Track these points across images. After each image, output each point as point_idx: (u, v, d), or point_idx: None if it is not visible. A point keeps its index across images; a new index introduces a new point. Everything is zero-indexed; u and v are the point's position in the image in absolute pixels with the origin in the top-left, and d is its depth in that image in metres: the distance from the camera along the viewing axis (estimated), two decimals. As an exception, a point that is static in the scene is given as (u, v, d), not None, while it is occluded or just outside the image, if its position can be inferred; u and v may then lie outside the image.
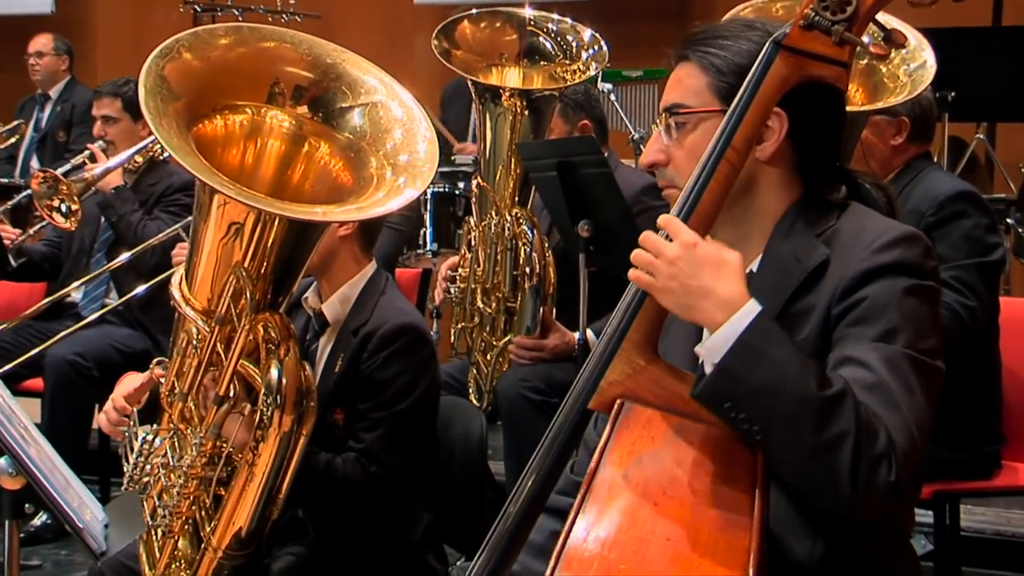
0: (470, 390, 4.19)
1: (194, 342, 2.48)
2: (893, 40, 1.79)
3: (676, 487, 1.65)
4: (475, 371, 4.19)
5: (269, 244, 2.38)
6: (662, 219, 1.75)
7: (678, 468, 1.67)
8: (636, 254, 1.74)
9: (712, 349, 1.65)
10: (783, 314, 1.79)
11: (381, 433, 2.78)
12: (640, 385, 1.75)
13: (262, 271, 2.39)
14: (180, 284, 2.47)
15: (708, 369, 1.67)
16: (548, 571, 1.60)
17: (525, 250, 4.01)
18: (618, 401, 1.75)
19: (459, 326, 4.23)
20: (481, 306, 4.13)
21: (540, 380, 3.87)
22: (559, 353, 3.95)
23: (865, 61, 3.29)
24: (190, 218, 2.76)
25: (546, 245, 4.05)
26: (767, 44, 1.79)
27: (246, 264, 2.38)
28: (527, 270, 4.01)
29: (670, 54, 1.96)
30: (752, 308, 1.65)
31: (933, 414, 1.70)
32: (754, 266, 1.89)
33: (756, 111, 1.78)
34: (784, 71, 1.77)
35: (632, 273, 1.74)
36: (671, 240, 1.71)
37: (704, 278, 1.67)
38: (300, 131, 2.48)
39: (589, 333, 3.78)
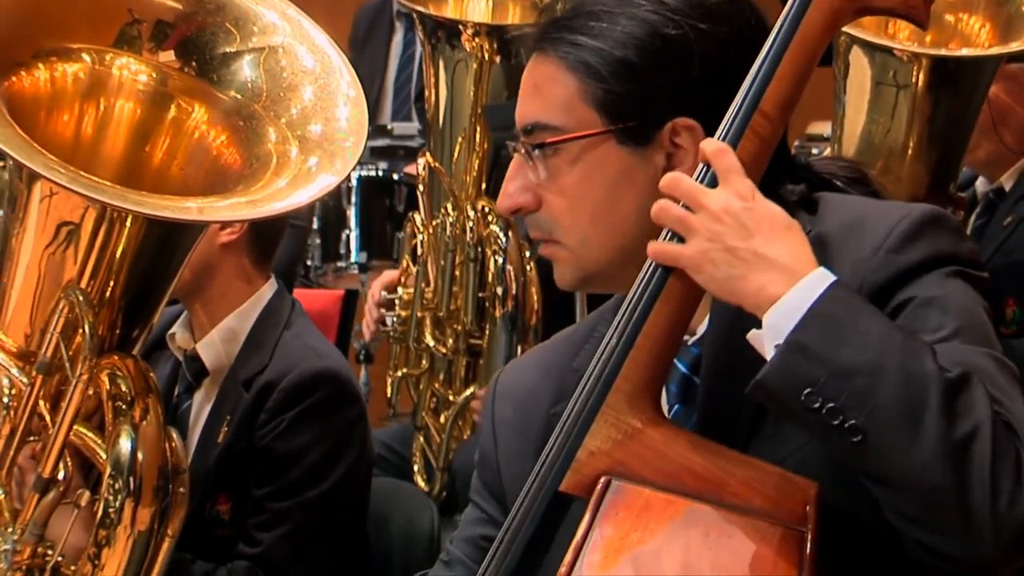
0: (415, 468, 4.20)
1: (5, 399, 2.47)
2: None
3: None
4: (423, 440, 4.20)
5: (118, 255, 2.39)
6: (715, 148, 1.75)
7: (689, 572, 1.67)
8: (661, 207, 1.75)
9: (772, 327, 1.67)
10: None
11: (285, 532, 2.80)
12: (634, 456, 1.76)
13: (107, 294, 2.39)
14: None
15: (768, 355, 1.68)
16: None
17: (496, 261, 4.03)
18: (603, 479, 1.76)
19: (400, 373, 4.25)
20: (432, 344, 4.14)
21: None
22: None
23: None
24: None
25: (526, 254, 4.06)
26: None
27: (84, 284, 2.38)
28: (498, 291, 4.02)
29: (517, 38, 1.95)
30: (825, 275, 1.68)
31: None
32: (701, 328, 1.92)
33: (795, 62, 1.80)
34: (836, 2, 1.81)
35: (651, 247, 1.76)
36: (717, 187, 1.73)
37: (759, 240, 1.70)
38: (164, 88, 2.48)
39: (589, 382, 3.78)
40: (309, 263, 6.03)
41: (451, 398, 4.14)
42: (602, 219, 1.89)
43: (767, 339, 1.69)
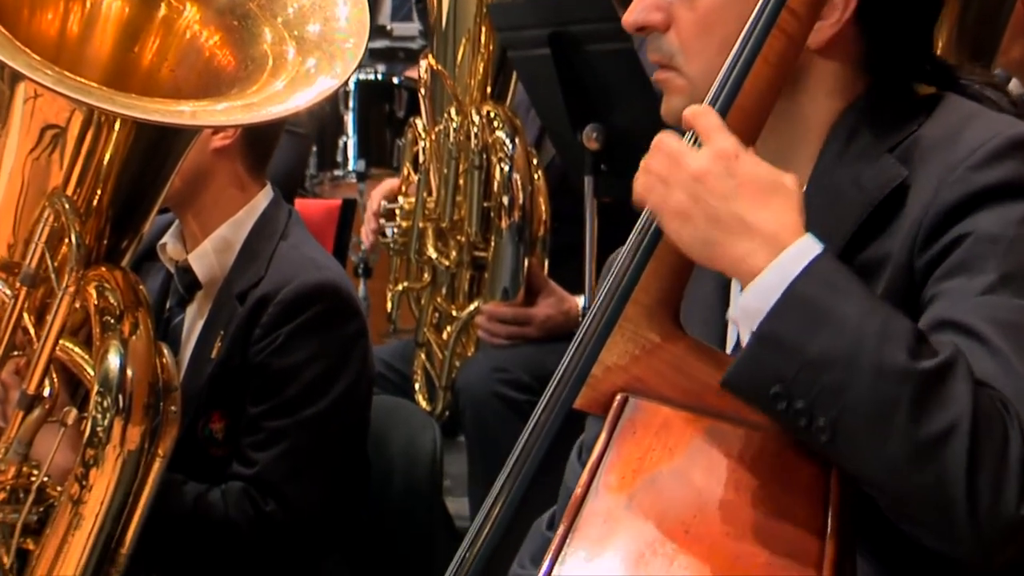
0: (417, 386, 4.19)
1: (-12, 313, 2.49)
2: None
3: (706, 522, 1.65)
4: (425, 357, 4.19)
5: (106, 161, 2.38)
6: (689, 111, 1.76)
7: (709, 493, 1.67)
8: (647, 162, 1.75)
9: (749, 309, 1.66)
10: None
11: (282, 452, 2.78)
12: (652, 371, 1.75)
13: (95, 202, 2.39)
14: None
15: (746, 340, 1.67)
16: None
17: (502, 170, 3.99)
18: (619, 396, 1.75)
19: (400, 287, 4.23)
20: (435, 256, 4.11)
21: (523, 370, 3.86)
22: (552, 328, 3.96)
23: None
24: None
25: (534, 162, 4.04)
26: None
27: (70, 191, 2.37)
28: (504, 200, 3.98)
29: None
30: (808, 246, 1.66)
31: None
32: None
33: None
34: None
35: (638, 185, 1.75)
36: (700, 145, 1.72)
37: (742, 204, 1.68)
38: (153, -15, 2.47)
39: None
40: (305, 171, 6.01)
41: (454, 313, 4.12)
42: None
43: (743, 322, 1.68)
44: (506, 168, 3.99)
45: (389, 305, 4.31)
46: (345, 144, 6.02)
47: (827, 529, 1.63)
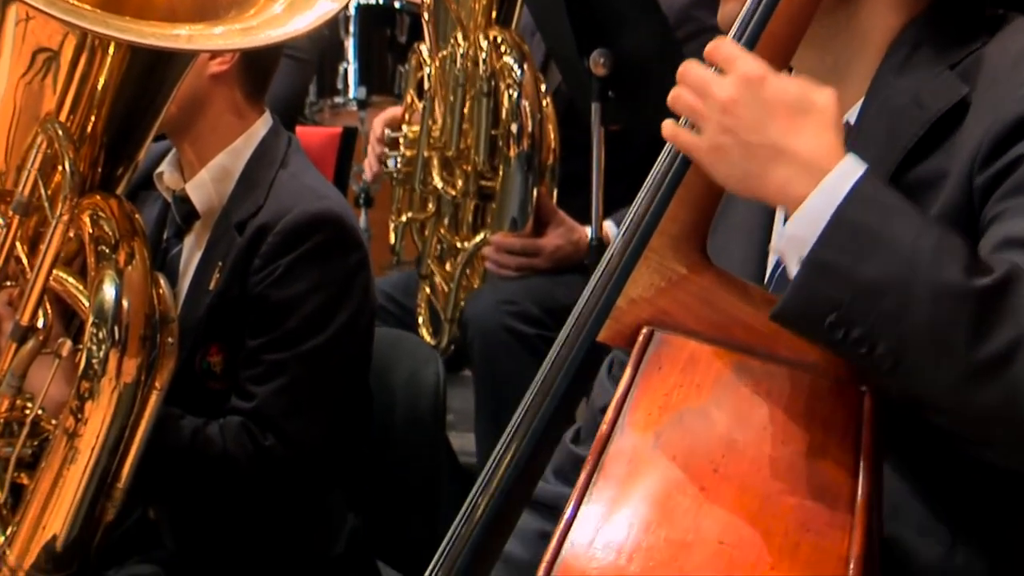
0: (420, 319, 4.17)
1: (-21, 242, 2.49)
2: None
3: (735, 461, 1.64)
4: (428, 289, 4.18)
5: (100, 86, 2.37)
6: (711, 45, 1.74)
7: (738, 432, 1.66)
8: (675, 95, 1.74)
9: (796, 238, 1.65)
10: (896, 186, 1.78)
11: (281, 386, 2.77)
12: (679, 304, 1.74)
13: (89, 129, 2.39)
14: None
15: (793, 270, 1.65)
16: None
17: (510, 96, 3.96)
18: (644, 330, 1.74)
19: (404, 218, 4.22)
20: (440, 186, 4.09)
21: (532, 303, 3.86)
22: (561, 259, 3.95)
23: None
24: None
25: (543, 89, 4.00)
26: None
27: (63, 117, 2.37)
28: (513, 128, 3.95)
29: None
30: (851, 168, 1.65)
31: None
32: (851, 115, 1.92)
33: None
34: None
35: (667, 127, 1.74)
36: (725, 75, 1.71)
37: (775, 130, 1.67)
38: (147, -99, 2.44)
39: (609, 227, 3.77)
40: (305, 98, 5.99)
41: (459, 245, 4.11)
42: None
43: (790, 252, 1.66)
44: (514, 95, 3.96)
45: (392, 237, 4.30)
46: (345, 71, 6.00)
47: (859, 468, 1.63)
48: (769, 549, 1.57)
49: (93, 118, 2.39)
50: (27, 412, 2.45)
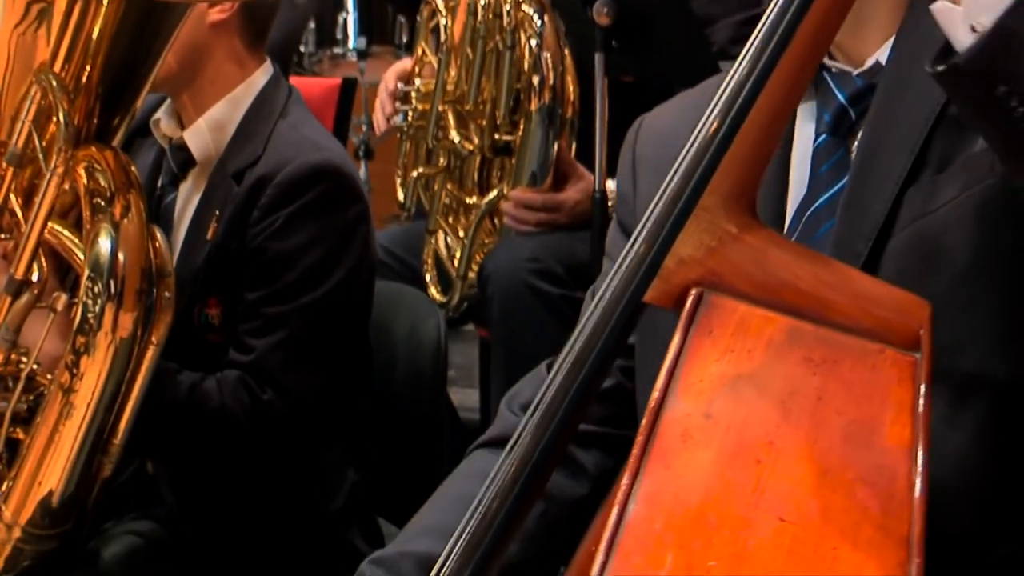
0: (428, 277, 4.17)
1: (-27, 194, 2.49)
2: None
3: (790, 433, 1.60)
4: (436, 244, 4.18)
5: (95, 36, 2.37)
6: None
7: (791, 401, 1.62)
8: None
9: (979, 3, 1.58)
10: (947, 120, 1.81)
11: (280, 339, 2.77)
12: (729, 265, 1.70)
13: (84, 80, 2.39)
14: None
15: (960, 33, 1.60)
16: (596, 568, 1.55)
17: (531, 48, 3.93)
18: (693, 291, 1.70)
19: (416, 173, 4.20)
20: (457, 141, 4.06)
21: (555, 260, 3.85)
22: (581, 215, 3.93)
23: None
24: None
25: (562, 42, 3.94)
26: None
27: (57, 68, 2.37)
28: (535, 81, 3.92)
29: None
30: None
31: None
32: (882, 55, 1.90)
33: None
34: None
35: None
36: None
37: None
38: None
39: (613, 184, 3.72)
40: (303, 49, 5.97)
41: (468, 201, 4.10)
42: None
43: (962, 16, 1.60)
44: (536, 46, 3.94)
45: (400, 192, 4.28)
46: (345, 20, 5.98)
47: (917, 444, 1.60)
48: (831, 528, 1.55)
49: (88, 68, 2.38)
50: (22, 367, 2.45)
